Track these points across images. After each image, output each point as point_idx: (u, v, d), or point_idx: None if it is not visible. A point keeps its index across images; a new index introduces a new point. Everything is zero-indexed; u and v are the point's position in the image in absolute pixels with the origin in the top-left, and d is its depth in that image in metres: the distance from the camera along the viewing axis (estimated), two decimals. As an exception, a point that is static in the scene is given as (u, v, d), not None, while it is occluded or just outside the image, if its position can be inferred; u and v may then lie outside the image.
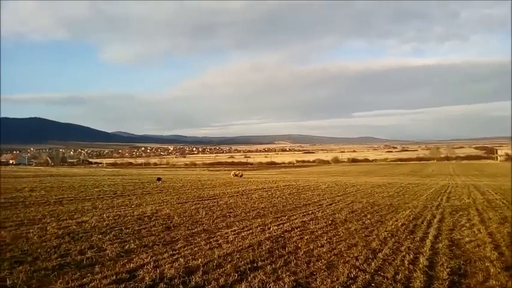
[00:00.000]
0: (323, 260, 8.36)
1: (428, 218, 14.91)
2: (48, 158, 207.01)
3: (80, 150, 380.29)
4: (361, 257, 8.65)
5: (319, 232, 11.52)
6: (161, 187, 28.48)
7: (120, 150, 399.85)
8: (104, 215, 14.18)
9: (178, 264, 7.90)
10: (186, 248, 9.34)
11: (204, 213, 15.28)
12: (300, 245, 9.75)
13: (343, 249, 9.45)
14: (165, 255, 8.68)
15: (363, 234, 11.33)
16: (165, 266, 7.82)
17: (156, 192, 24.54)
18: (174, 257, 8.48)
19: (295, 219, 14.10)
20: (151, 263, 7.98)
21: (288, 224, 12.95)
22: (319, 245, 9.83)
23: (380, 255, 8.91)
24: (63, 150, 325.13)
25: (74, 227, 11.88)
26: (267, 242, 10.00)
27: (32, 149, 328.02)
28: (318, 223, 13.15)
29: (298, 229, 11.97)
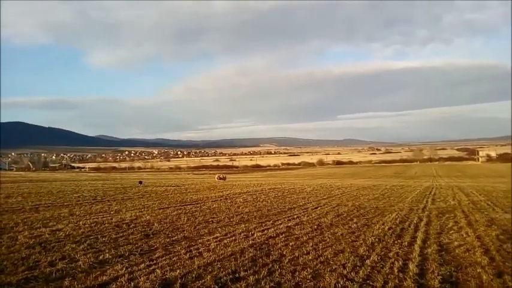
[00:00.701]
0: (309, 269, 7.95)
1: (415, 221, 14.66)
2: (29, 162, 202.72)
3: (62, 154, 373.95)
4: (349, 265, 8.27)
5: (305, 238, 11.13)
6: (143, 192, 27.79)
7: (103, 155, 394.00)
8: (80, 223, 13.54)
9: (155, 276, 7.40)
10: (164, 258, 8.83)
11: (185, 219, 14.75)
12: (284, 253, 9.33)
13: (329, 256, 9.06)
14: (142, 266, 8.17)
15: (350, 240, 10.97)
16: (140, 278, 7.30)
17: (138, 197, 23.87)
18: (151, 268, 7.97)
19: (280, 224, 13.68)
20: (126, 275, 7.46)
21: (273, 229, 12.52)
22: (305, 251, 9.43)
23: (368, 262, 8.55)
24: (45, 155, 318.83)
25: (47, 235, 11.24)
26: (251, 250, 9.55)
27: (13, 153, 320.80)
28: (304, 228, 12.75)
29: (283, 235, 11.54)
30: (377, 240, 10.97)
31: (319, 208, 18.45)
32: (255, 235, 11.51)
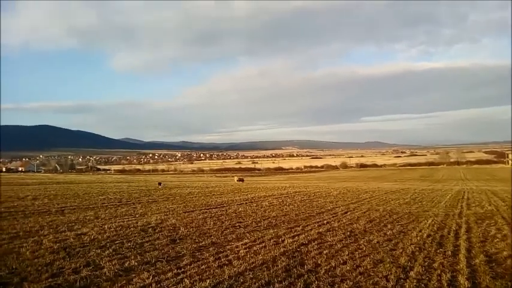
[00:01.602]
0: (348, 281, 7.33)
1: (454, 228, 13.80)
2: (56, 165, 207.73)
3: (88, 157, 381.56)
4: (392, 277, 7.60)
5: (339, 245, 10.48)
6: (168, 194, 27.58)
7: (128, 157, 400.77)
8: (106, 226, 13.26)
9: (183, 287, 6.93)
10: (192, 266, 8.36)
11: (212, 223, 14.31)
12: (319, 262, 8.72)
13: (368, 266, 8.41)
14: (169, 274, 7.71)
15: (388, 248, 10.26)
16: (168, 288, 6.85)
17: (162, 200, 23.63)
18: (179, 277, 7.51)
19: (311, 229, 13.06)
20: (153, 285, 7.02)
21: (304, 235, 11.91)
22: (341, 261, 8.80)
23: (412, 274, 7.86)
24: (72, 157, 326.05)
25: (72, 240, 10.96)
26: (283, 258, 8.98)
27: (41, 156, 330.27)
28: (336, 235, 12.10)
29: (315, 242, 10.92)
30: (417, 248, 10.23)
31: (349, 213, 17.72)
32: (286, 241, 10.93)
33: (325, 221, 15.05)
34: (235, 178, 59.65)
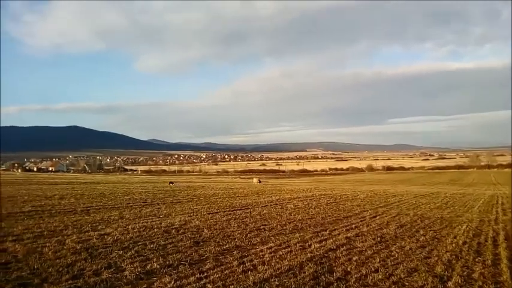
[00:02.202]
0: (382, 291, 6.85)
1: (491, 235, 13.02)
2: (85, 165, 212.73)
3: (116, 157, 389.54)
4: (428, 287, 7.07)
5: (369, 252, 9.94)
6: (192, 195, 27.47)
7: (154, 158, 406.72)
8: (129, 227, 13.12)
9: (206, 293, 6.61)
10: (215, 270, 8.03)
11: (236, 225, 13.98)
12: (349, 269, 8.24)
13: (402, 275, 7.87)
14: (191, 279, 7.41)
15: (422, 255, 9.66)
16: (190, 294, 6.54)
17: (187, 201, 23.50)
18: (202, 282, 7.19)
19: (338, 234, 12.55)
20: (175, 290, 6.73)
21: (331, 240, 11.41)
22: (372, 269, 8.29)
23: (450, 284, 7.29)
24: (100, 158, 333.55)
25: (95, 240, 10.83)
26: (310, 264, 8.54)
27: (70, 156, 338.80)
28: (366, 240, 11.54)
29: (344, 247, 10.42)
30: (453, 256, 9.59)
31: (378, 217, 17.07)
32: (313, 246, 10.47)
33: (353, 226, 14.49)
34: (254, 180, 62.63)
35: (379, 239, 11.81)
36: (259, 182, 58.21)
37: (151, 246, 10.24)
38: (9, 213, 15.82)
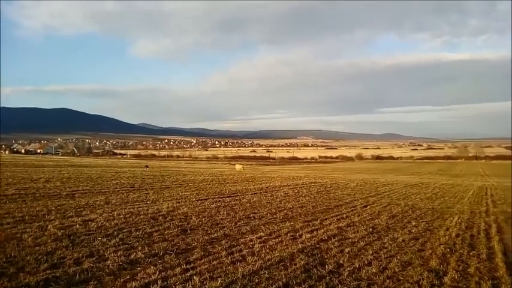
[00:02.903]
0: (376, 286, 6.57)
1: (483, 227, 12.89)
2: (74, 148, 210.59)
3: (105, 141, 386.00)
4: (424, 283, 6.81)
5: (362, 243, 9.68)
6: (181, 181, 27.04)
7: (144, 142, 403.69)
8: (115, 213, 12.69)
9: (193, 286, 6.27)
10: (203, 261, 7.68)
11: (225, 213, 13.64)
12: (342, 261, 7.96)
13: (396, 269, 7.62)
14: (177, 270, 7.05)
15: (415, 248, 9.43)
16: (175, 287, 6.19)
17: (176, 186, 23.09)
18: (188, 274, 6.84)
19: (329, 224, 12.29)
20: (159, 282, 6.37)
21: (322, 230, 11.13)
22: (366, 261, 8.02)
23: (447, 280, 7.05)
24: (89, 141, 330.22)
25: (78, 226, 10.38)
26: (301, 256, 8.23)
27: (59, 139, 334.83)
28: (358, 230, 11.29)
29: (336, 238, 10.14)
30: (447, 250, 9.38)
31: (369, 207, 16.87)
32: (304, 237, 10.18)
33: (344, 215, 14.25)
34: (237, 166, 63.01)
35: (371, 229, 11.57)
36: (243, 168, 58.44)
37: (137, 233, 9.84)
38: (-9, 196, 15.26)
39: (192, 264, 7.42)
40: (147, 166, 47.66)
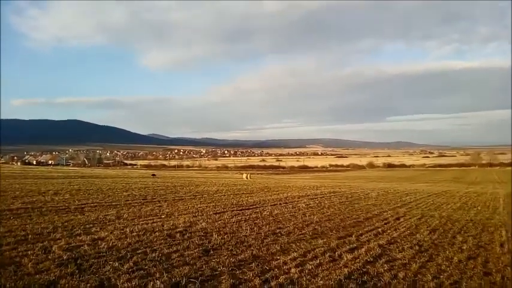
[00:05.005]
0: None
1: (540, 243, 11.42)
2: (85, 159, 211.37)
3: (116, 152, 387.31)
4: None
5: (414, 265, 8.30)
6: (195, 192, 25.80)
7: (154, 152, 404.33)
8: (127, 229, 11.46)
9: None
10: (234, 292, 6.40)
11: (248, 228, 12.33)
12: (401, 292, 6.62)
13: (470, 301, 6.26)
14: (206, 305, 5.78)
15: (478, 270, 8.04)
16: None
17: (190, 198, 21.86)
18: (220, 312, 5.56)
19: (368, 241, 10.92)
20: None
21: (363, 249, 9.74)
22: (430, 291, 6.67)
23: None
24: (100, 152, 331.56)
25: (86, 247, 9.15)
26: (351, 285, 6.89)
27: (70, 150, 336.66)
28: (403, 249, 9.91)
29: (382, 259, 8.77)
30: (517, 273, 7.97)
31: (402, 219, 15.45)
32: (345, 258, 8.82)
33: (379, 229, 12.86)
34: (244, 175, 63.85)
35: (417, 247, 10.18)
36: (249, 177, 58.46)
37: (153, 255, 8.59)
38: (-6, 212, 14.15)
39: (221, 297, 6.14)
40: (154, 174, 48.23)
